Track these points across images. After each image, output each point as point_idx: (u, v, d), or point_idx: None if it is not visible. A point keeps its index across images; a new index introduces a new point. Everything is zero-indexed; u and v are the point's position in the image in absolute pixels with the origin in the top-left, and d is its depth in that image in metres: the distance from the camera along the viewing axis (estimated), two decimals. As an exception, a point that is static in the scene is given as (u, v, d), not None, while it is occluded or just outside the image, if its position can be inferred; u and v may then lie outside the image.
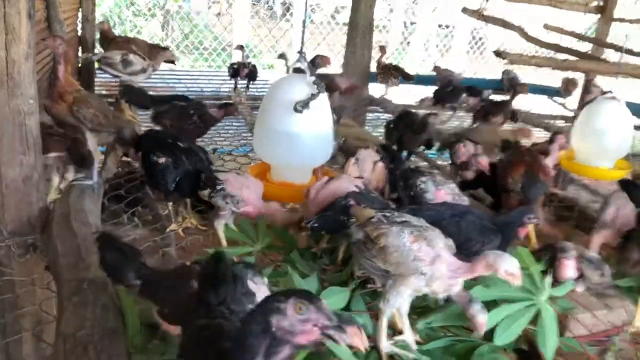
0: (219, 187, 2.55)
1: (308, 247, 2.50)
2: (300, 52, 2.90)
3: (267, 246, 2.48)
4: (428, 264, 1.85)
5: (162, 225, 2.94)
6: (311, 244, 2.55)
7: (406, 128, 4.02)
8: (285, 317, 1.12)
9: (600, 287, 2.45)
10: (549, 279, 2.21)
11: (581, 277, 2.43)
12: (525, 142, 4.04)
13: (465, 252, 2.20)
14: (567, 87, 6.65)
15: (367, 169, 2.92)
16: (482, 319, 1.90)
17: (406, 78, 6.28)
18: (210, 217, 2.66)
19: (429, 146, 4.11)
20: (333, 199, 2.41)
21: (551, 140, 3.48)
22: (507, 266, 1.80)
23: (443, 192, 2.66)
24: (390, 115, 5.59)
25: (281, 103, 2.82)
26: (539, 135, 5.09)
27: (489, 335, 2.02)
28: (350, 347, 1.37)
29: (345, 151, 4.09)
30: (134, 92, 3.93)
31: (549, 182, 2.95)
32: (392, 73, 6.24)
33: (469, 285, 2.00)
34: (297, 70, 3.02)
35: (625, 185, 2.62)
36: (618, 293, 2.47)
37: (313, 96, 2.76)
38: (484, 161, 3.27)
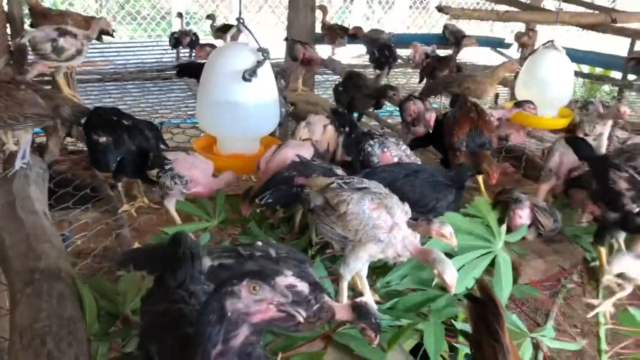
0: (167, 167, 2.50)
1: (265, 218, 2.49)
2: (239, 18, 2.82)
3: (224, 220, 2.46)
4: (386, 231, 1.89)
5: (114, 206, 2.87)
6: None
7: (355, 89, 4.00)
8: (239, 299, 1.11)
9: (552, 233, 2.55)
10: (504, 227, 2.28)
11: (532, 225, 2.52)
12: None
13: (420, 209, 2.25)
14: (521, 40, 6.71)
15: (318, 132, 2.94)
16: (451, 277, 1.82)
17: (353, 37, 6.22)
18: (160, 196, 2.61)
19: (378, 106, 4.11)
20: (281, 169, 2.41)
21: (519, 105, 3.55)
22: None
23: (388, 154, 2.72)
24: (339, 77, 5.56)
25: (223, 73, 2.74)
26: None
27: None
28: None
29: (296, 116, 4.06)
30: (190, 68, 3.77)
31: (493, 137, 3.01)
32: (339, 33, 6.17)
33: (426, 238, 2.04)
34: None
35: (571, 142, 2.69)
36: (566, 238, 2.58)
37: (259, 63, 2.69)
38: (431, 119, 3.32)
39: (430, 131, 3.26)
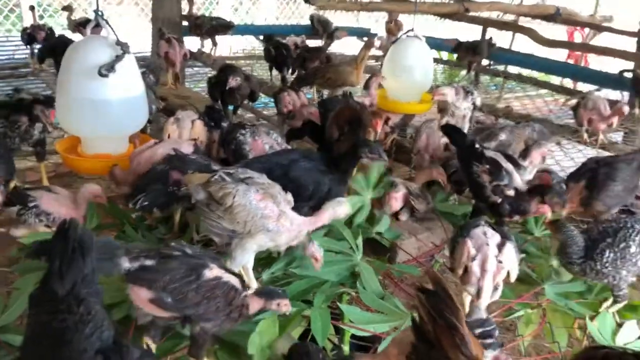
0: (30, 205, 2.33)
1: (142, 219, 2.39)
2: (97, 10, 2.67)
3: (98, 226, 2.34)
4: (274, 220, 1.92)
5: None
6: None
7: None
8: None
9: (425, 214, 2.70)
10: (360, 241, 2.32)
11: (405, 206, 2.66)
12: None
13: (300, 198, 2.26)
14: (390, 30, 6.94)
15: (187, 127, 2.91)
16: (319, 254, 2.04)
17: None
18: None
19: (253, 98, 4.09)
20: (151, 165, 2.35)
21: (366, 84, 3.69)
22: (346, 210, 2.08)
23: (259, 142, 2.74)
24: (210, 69, 5.46)
25: (82, 68, 2.56)
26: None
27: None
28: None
29: (167, 112, 3.94)
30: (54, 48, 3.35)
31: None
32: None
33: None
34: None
35: (446, 130, 2.81)
36: (437, 216, 2.75)
37: (118, 58, 2.56)
38: (315, 111, 3.37)
39: (314, 121, 3.31)
